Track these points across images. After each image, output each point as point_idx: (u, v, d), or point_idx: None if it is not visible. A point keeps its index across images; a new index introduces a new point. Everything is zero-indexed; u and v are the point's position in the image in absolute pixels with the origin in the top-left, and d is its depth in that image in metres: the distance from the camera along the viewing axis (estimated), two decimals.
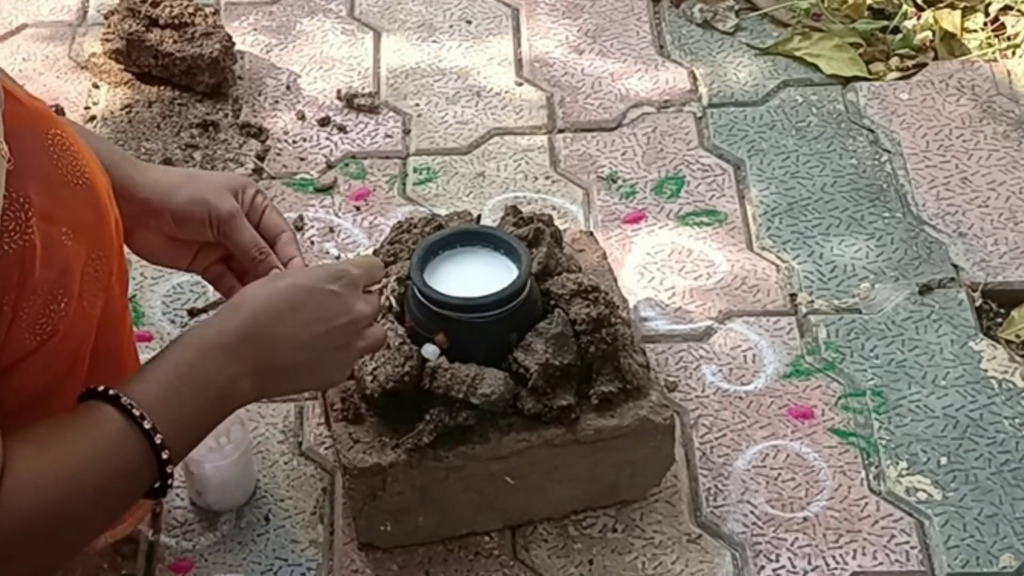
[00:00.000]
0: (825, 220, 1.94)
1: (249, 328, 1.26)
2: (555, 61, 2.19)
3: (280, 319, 1.27)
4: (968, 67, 2.15)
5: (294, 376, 1.30)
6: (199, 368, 1.23)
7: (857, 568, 1.57)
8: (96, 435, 1.19)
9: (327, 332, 1.29)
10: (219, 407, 1.26)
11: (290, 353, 1.27)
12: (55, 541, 1.18)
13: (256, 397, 1.29)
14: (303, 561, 1.58)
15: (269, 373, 1.27)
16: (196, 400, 1.23)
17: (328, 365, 1.32)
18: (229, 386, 1.24)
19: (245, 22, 2.27)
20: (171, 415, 1.21)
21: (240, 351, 1.25)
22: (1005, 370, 1.75)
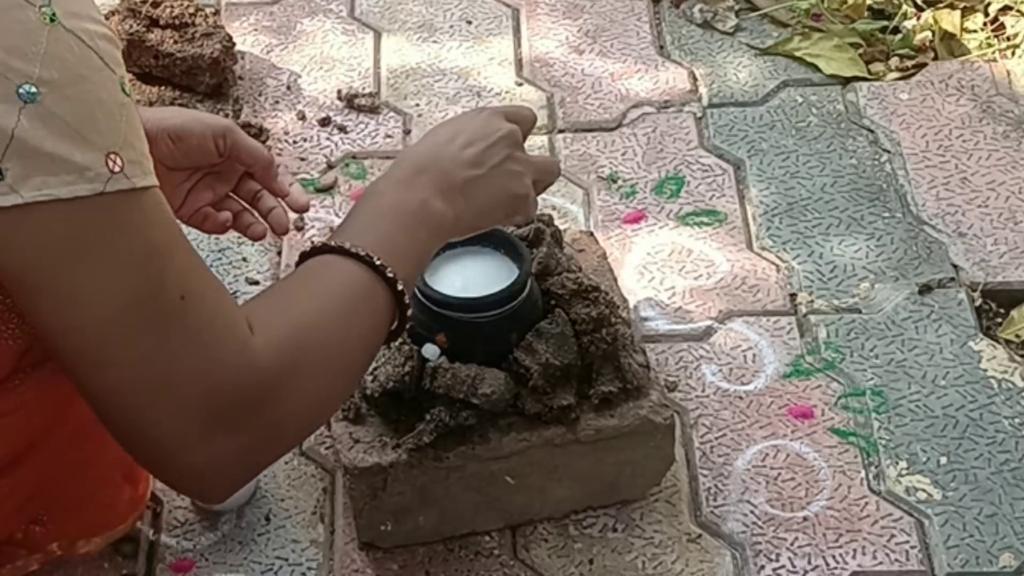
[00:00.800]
0: (825, 220, 1.94)
1: (416, 162, 1.31)
2: (555, 61, 2.20)
3: (441, 147, 1.32)
4: (968, 67, 2.15)
5: (478, 192, 1.32)
6: (387, 204, 1.27)
7: (857, 568, 1.57)
8: (335, 281, 1.20)
9: (487, 148, 1.33)
10: (423, 231, 1.28)
11: (464, 170, 1.31)
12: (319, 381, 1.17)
13: (455, 218, 1.30)
14: (304, 561, 1.59)
15: (454, 193, 1.30)
16: (400, 230, 1.25)
17: (504, 179, 1.34)
18: (421, 209, 1.27)
19: (246, 22, 2.27)
20: (397, 259, 1.23)
21: (415, 181, 1.29)
22: (1005, 370, 1.76)
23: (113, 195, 1.04)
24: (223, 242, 1.92)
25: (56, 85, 1.02)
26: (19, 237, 1.03)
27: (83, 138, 1.03)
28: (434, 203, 1.28)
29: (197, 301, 1.09)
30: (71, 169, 1.03)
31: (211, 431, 1.10)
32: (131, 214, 1.06)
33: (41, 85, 1.01)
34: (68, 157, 1.02)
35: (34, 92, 1.01)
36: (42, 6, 1.02)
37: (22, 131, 1.01)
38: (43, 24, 1.02)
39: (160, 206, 1.09)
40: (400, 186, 1.29)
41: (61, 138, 1.02)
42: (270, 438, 1.15)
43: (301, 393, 1.15)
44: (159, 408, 1.09)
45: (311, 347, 1.16)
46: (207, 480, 1.15)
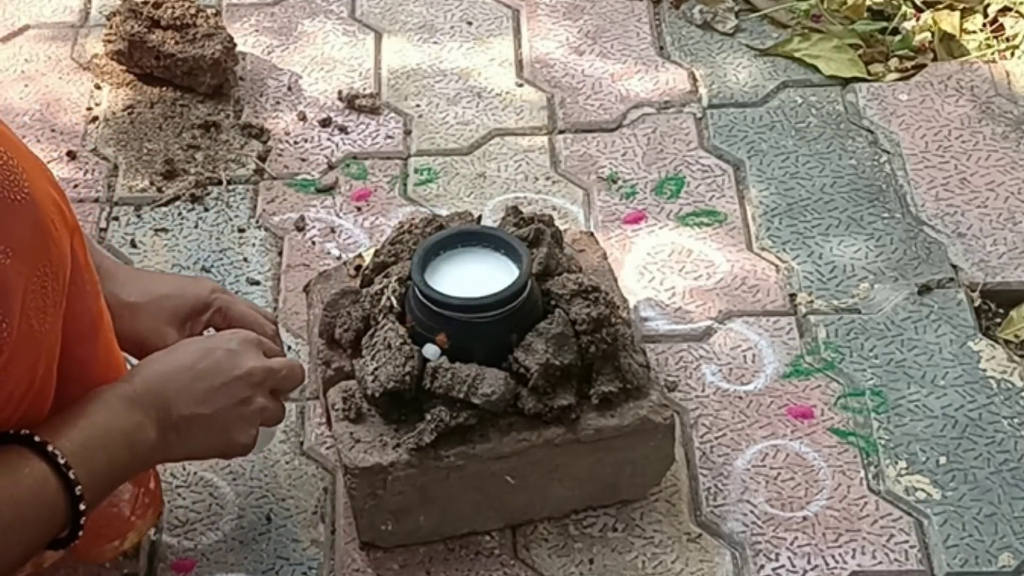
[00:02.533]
0: (824, 220, 1.94)
1: (148, 382, 1.33)
2: (555, 62, 2.20)
3: (176, 375, 1.35)
4: (967, 68, 2.15)
5: (195, 431, 1.35)
6: (105, 417, 1.28)
7: (856, 567, 1.57)
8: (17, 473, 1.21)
9: (223, 386, 1.36)
10: (128, 456, 1.30)
11: (187, 407, 1.34)
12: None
13: (164, 450, 1.33)
14: (304, 560, 1.59)
15: (169, 424, 1.32)
16: (107, 450, 1.27)
17: (227, 422, 1.37)
18: (135, 433, 1.29)
19: (247, 23, 2.27)
20: (88, 466, 1.24)
21: (141, 403, 1.31)
22: (1004, 370, 1.76)
23: None
24: (224, 242, 1.93)
25: None
26: None
27: None
28: (147, 431, 1.30)
29: None
30: None
31: None
32: None
33: None
34: None
35: None
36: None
37: None
38: None
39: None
40: (124, 402, 1.30)
41: None
42: None
43: None
44: None
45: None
46: None
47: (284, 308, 1.84)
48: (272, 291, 1.87)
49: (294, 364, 1.46)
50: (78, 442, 1.25)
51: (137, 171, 2.03)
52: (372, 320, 1.57)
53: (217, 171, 2.03)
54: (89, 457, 1.25)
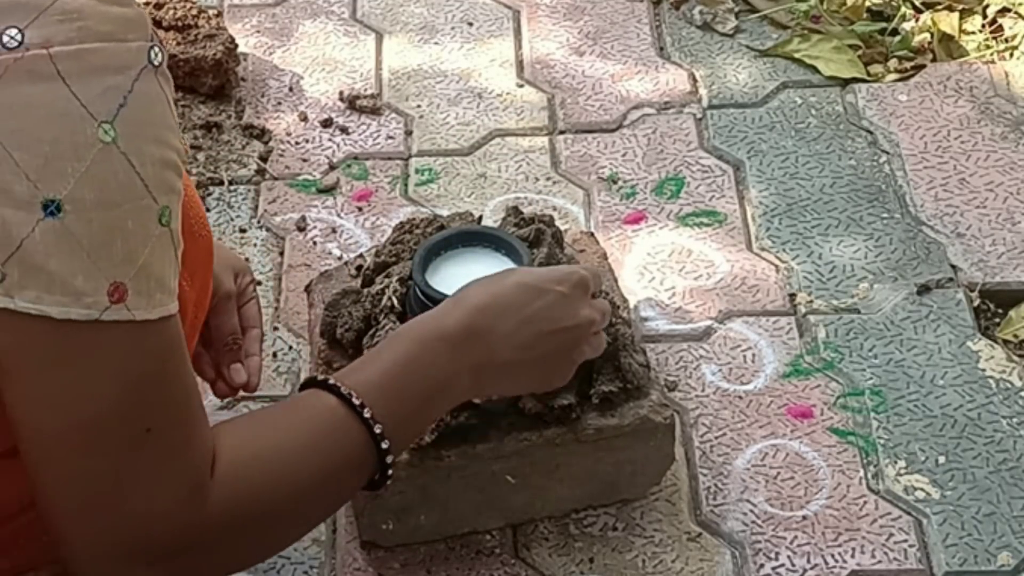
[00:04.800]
0: (824, 221, 1.95)
1: (472, 324, 1.26)
2: (556, 63, 2.20)
3: (503, 317, 1.27)
4: (966, 69, 2.16)
5: (513, 375, 1.30)
6: (420, 361, 1.22)
7: (856, 566, 1.57)
8: (314, 423, 1.16)
9: (551, 333, 1.29)
10: (438, 401, 1.25)
11: (510, 352, 1.27)
12: (266, 532, 1.15)
13: (474, 394, 1.30)
14: (305, 559, 1.59)
15: (488, 370, 1.27)
16: (416, 393, 1.22)
17: (549, 368, 1.32)
18: (448, 381, 1.24)
19: (248, 24, 2.28)
20: (391, 407, 1.18)
21: (461, 346, 1.24)
22: (1003, 370, 1.76)
23: (107, 324, 1.02)
24: (225, 242, 1.93)
25: (84, 206, 1.00)
26: (5, 333, 1.02)
27: (92, 263, 1.01)
28: (463, 379, 1.25)
29: (161, 438, 1.06)
30: (68, 291, 1.00)
31: (130, 563, 1.07)
32: (121, 343, 1.03)
33: (67, 203, 0.99)
34: (69, 280, 1.00)
35: (58, 208, 0.99)
36: (103, 122, 1.00)
37: (31, 243, 0.99)
38: (96, 142, 0.99)
39: (160, 338, 1.05)
40: (444, 346, 1.24)
41: (69, 258, 1.00)
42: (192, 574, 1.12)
43: (235, 552, 1.12)
44: (82, 527, 1.06)
45: (265, 512, 1.12)
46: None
47: (285, 308, 1.85)
48: (273, 291, 1.87)
49: None
50: (375, 382, 1.19)
51: None
52: (373, 320, 1.58)
53: (219, 171, 2.03)
54: (393, 397, 1.19)
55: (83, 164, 0.99)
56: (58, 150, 0.99)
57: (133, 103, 1.02)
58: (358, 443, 1.17)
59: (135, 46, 1.03)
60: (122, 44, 1.02)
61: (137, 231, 1.02)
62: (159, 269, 1.05)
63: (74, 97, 0.99)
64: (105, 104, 1.00)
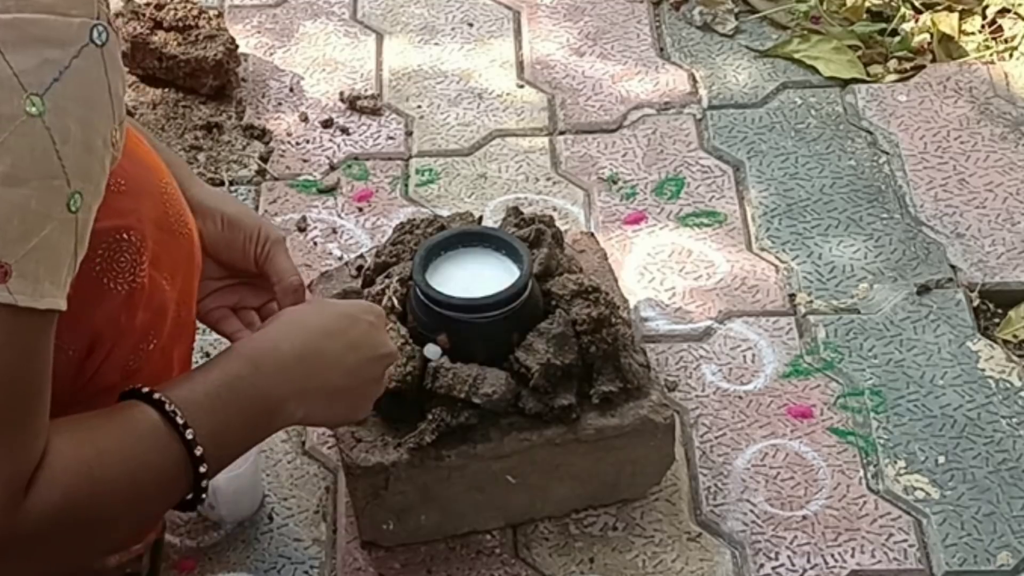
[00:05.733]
0: (824, 221, 1.95)
1: (306, 346, 1.24)
2: (556, 63, 2.21)
3: (332, 340, 1.26)
4: (965, 69, 2.16)
5: (334, 403, 1.28)
6: (250, 382, 1.20)
7: (856, 566, 1.58)
8: (136, 436, 1.13)
9: (368, 361, 1.29)
10: (263, 425, 1.23)
11: (337, 378, 1.26)
12: (79, 541, 1.11)
13: (297, 421, 1.26)
14: (306, 559, 1.59)
15: (315, 396, 1.25)
16: (242, 415, 1.19)
17: (362, 396, 1.31)
18: (277, 405, 1.21)
19: (249, 24, 2.28)
20: (214, 427, 1.16)
21: (294, 369, 1.22)
22: (1002, 370, 1.76)
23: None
24: None
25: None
26: None
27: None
28: (291, 405, 1.22)
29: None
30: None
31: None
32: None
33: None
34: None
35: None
36: (33, 94, 0.97)
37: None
38: (21, 113, 0.96)
39: (33, 333, 1.01)
40: (277, 369, 1.21)
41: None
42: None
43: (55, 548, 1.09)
44: None
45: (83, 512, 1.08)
46: None
47: None
48: None
49: None
50: (201, 401, 1.16)
51: None
52: None
53: (219, 172, 2.04)
54: (218, 418, 1.17)
55: (2, 135, 0.96)
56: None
57: (68, 79, 0.98)
58: (176, 462, 1.15)
59: (77, 22, 0.99)
60: (63, 18, 0.99)
61: (38, 212, 0.98)
62: (52, 256, 1.00)
63: (7, 66, 0.96)
64: (38, 76, 0.97)
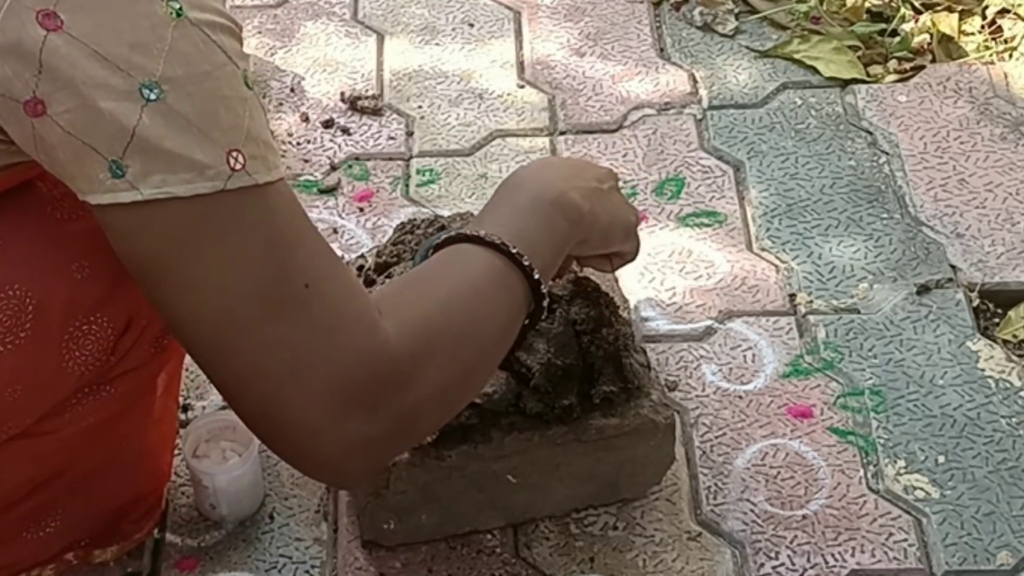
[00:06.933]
0: (824, 221, 1.95)
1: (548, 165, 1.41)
2: (556, 64, 2.21)
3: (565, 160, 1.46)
4: (965, 70, 2.16)
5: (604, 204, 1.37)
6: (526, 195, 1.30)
7: (856, 566, 1.58)
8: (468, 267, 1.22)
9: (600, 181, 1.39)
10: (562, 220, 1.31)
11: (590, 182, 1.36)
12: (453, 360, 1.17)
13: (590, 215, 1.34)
14: (307, 559, 1.60)
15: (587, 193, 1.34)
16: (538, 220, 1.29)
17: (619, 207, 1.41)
18: (560, 198, 1.31)
19: (250, 25, 2.28)
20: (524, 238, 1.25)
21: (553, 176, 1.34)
22: (1002, 369, 1.77)
23: (234, 192, 1.05)
24: None
25: (179, 82, 1.02)
26: (141, 231, 1.04)
27: (205, 135, 1.03)
28: (572, 195, 1.31)
29: (323, 289, 1.09)
30: (191, 167, 1.03)
31: (342, 417, 1.10)
32: (252, 209, 1.06)
33: (164, 83, 1.02)
34: (189, 155, 1.03)
35: (157, 90, 1.01)
36: (170, 1, 1.02)
37: (143, 129, 1.01)
38: (169, 19, 1.02)
39: (283, 197, 1.09)
40: (538, 178, 1.32)
41: (183, 135, 1.02)
42: (404, 424, 1.15)
43: (435, 378, 1.15)
44: (286, 396, 1.09)
45: (444, 333, 1.16)
46: (340, 466, 1.14)
47: None
48: None
49: None
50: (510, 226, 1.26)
51: None
52: None
53: None
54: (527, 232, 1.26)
55: (164, 43, 1.02)
56: (138, 36, 1.01)
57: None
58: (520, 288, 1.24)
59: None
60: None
61: (233, 96, 1.05)
62: (262, 132, 1.08)
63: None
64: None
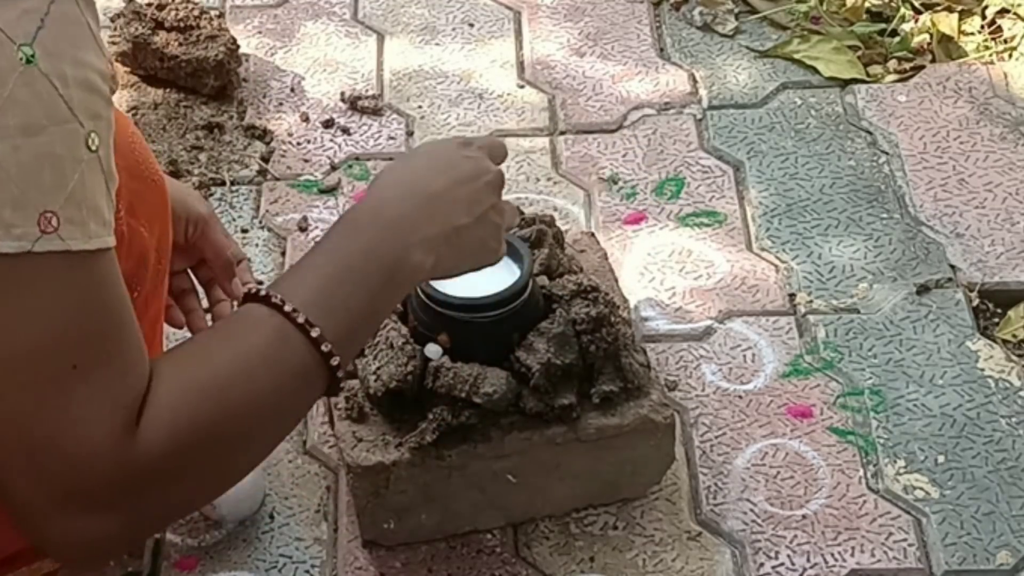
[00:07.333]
0: (824, 221, 1.95)
1: (413, 191, 1.20)
2: (556, 64, 2.21)
3: (437, 177, 1.22)
4: (965, 69, 2.16)
5: (461, 243, 1.22)
6: (362, 249, 1.16)
7: (855, 565, 1.58)
8: (246, 339, 1.10)
9: (477, 191, 1.24)
10: (390, 289, 1.17)
11: (456, 214, 1.22)
12: (212, 462, 1.08)
13: (429, 272, 1.20)
14: (307, 559, 1.60)
15: (439, 239, 1.20)
16: (365, 288, 1.15)
17: (486, 230, 1.26)
18: (398, 262, 1.17)
19: (250, 25, 2.29)
20: (329, 304, 1.12)
21: (407, 217, 1.18)
22: (1002, 369, 1.77)
23: (41, 255, 0.98)
24: None
25: (9, 133, 0.96)
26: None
27: (21, 193, 0.97)
28: (413, 256, 1.18)
29: (90, 376, 1.01)
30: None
31: (70, 513, 1.03)
32: (55, 275, 0.99)
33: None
34: None
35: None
36: (22, 44, 0.97)
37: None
38: (16, 64, 0.97)
39: (95, 271, 1.02)
40: (380, 227, 1.17)
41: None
42: (145, 521, 1.08)
43: (190, 474, 1.07)
44: (16, 472, 1.02)
45: (212, 418, 1.06)
46: (68, 554, 1.08)
47: None
48: None
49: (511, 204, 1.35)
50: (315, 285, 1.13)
51: None
52: None
53: (221, 172, 2.04)
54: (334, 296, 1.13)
55: (5, 89, 0.96)
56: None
57: (51, 25, 0.98)
58: (306, 363, 1.10)
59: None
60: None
61: (66, 156, 0.98)
62: (92, 197, 1.00)
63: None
64: (23, 27, 0.97)
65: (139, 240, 1.21)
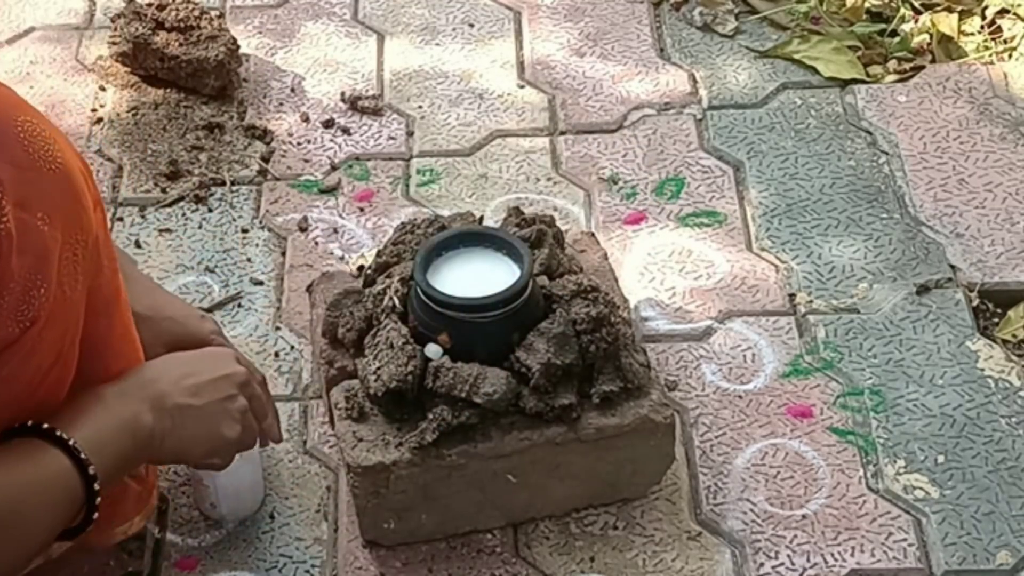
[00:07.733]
0: (824, 221, 1.95)
1: (140, 377, 1.38)
2: (556, 64, 2.21)
3: (167, 368, 1.41)
4: (965, 70, 2.16)
5: (186, 421, 1.39)
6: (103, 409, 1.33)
7: (855, 565, 1.58)
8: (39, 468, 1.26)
9: (209, 382, 1.42)
10: (131, 445, 1.34)
11: (179, 395, 1.39)
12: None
13: (160, 438, 1.36)
14: (307, 558, 1.60)
15: (164, 411, 1.37)
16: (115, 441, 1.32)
17: (215, 416, 1.42)
18: (134, 421, 1.34)
19: (250, 25, 2.29)
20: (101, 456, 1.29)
21: (134, 393, 1.36)
22: (1001, 369, 1.77)
23: None
24: (227, 243, 1.94)
25: None
26: None
27: None
28: (144, 417, 1.35)
29: None
30: None
31: None
32: None
33: None
34: None
35: None
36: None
37: None
38: None
39: None
40: (117, 395, 1.34)
41: None
42: None
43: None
44: None
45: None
46: None
47: (287, 308, 1.85)
48: (275, 291, 1.88)
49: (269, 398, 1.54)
50: (91, 434, 1.29)
51: (141, 172, 2.04)
52: (375, 320, 1.58)
53: (221, 172, 2.04)
54: (101, 448, 1.29)
55: None
56: None
57: None
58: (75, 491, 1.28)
59: None
60: None
61: None
62: None
63: None
64: None
65: (36, 234, 1.21)
